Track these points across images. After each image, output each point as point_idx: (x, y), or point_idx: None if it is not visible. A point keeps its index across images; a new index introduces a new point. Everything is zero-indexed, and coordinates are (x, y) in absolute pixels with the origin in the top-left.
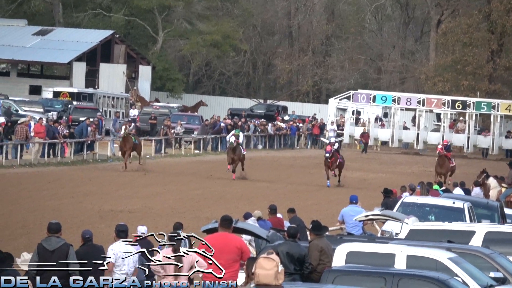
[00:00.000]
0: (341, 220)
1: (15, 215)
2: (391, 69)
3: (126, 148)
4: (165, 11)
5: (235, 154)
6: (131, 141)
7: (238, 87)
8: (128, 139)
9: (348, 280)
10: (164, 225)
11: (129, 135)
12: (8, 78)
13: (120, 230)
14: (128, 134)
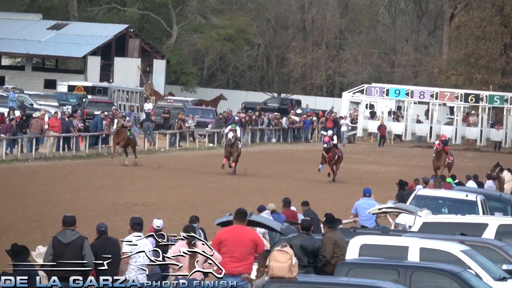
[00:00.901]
0: (355, 213)
1: (30, 209)
2: (405, 62)
3: (119, 139)
4: (179, 5)
5: (232, 148)
6: (125, 134)
7: (252, 81)
8: (122, 132)
9: (362, 272)
10: (179, 218)
11: (124, 128)
12: (23, 72)
13: (135, 223)
14: (122, 127)
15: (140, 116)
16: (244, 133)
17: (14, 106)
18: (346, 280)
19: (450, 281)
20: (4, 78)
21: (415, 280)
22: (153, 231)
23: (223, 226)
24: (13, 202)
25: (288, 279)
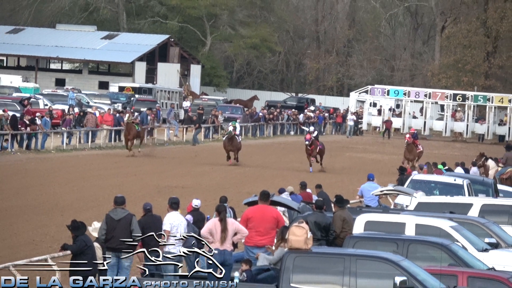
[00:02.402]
0: (360, 194)
1: (87, 190)
2: (403, 67)
3: (129, 136)
4: (212, 19)
5: (232, 144)
6: (134, 129)
7: (274, 83)
8: (131, 127)
9: (366, 245)
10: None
11: (132, 123)
12: (81, 75)
13: (173, 202)
14: (131, 122)
15: (179, 113)
16: (267, 127)
17: (73, 104)
18: (353, 251)
19: (441, 252)
20: (65, 80)
21: (411, 251)
22: (192, 209)
23: (249, 205)
24: (72, 185)
25: (304, 250)
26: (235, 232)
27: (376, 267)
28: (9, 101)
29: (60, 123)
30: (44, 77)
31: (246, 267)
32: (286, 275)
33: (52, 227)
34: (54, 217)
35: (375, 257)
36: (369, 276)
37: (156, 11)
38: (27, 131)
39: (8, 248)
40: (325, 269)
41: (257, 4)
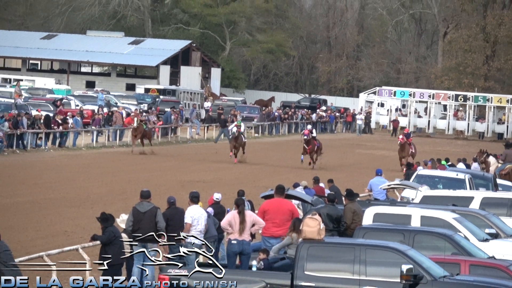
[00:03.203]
0: (369, 188)
1: (115, 184)
2: (408, 70)
3: (136, 133)
4: (231, 25)
5: (237, 142)
6: (141, 129)
7: (288, 84)
8: (139, 127)
9: (375, 235)
10: (232, 192)
11: (141, 123)
12: (109, 77)
13: (193, 196)
14: (140, 123)
15: (201, 112)
16: (282, 126)
17: (102, 104)
18: (363, 241)
19: (444, 242)
20: (95, 83)
21: (417, 241)
22: (213, 202)
23: (266, 199)
24: (101, 179)
25: (317, 240)
26: (253, 224)
27: (384, 256)
28: (43, 102)
29: (90, 122)
30: (76, 80)
31: (264, 256)
32: (301, 264)
33: (83, 219)
34: (85, 209)
35: (383, 247)
36: (377, 264)
37: (179, 18)
38: (60, 130)
39: (41, 238)
40: (336, 257)
41: (273, 12)
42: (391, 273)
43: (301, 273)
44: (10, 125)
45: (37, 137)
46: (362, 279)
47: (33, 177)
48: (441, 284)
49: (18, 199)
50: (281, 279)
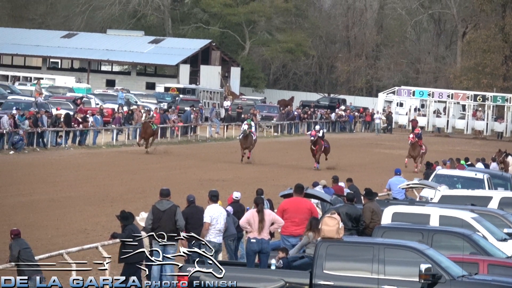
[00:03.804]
0: (388, 188)
1: (135, 183)
2: (427, 70)
3: (145, 134)
4: (251, 25)
5: (247, 141)
6: (150, 128)
7: (308, 84)
8: (147, 126)
9: (394, 234)
10: (250, 191)
11: (149, 122)
12: (129, 76)
13: (213, 195)
14: (148, 121)
15: (221, 111)
16: (301, 125)
17: (122, 103)
18: (382, 240)
19: (463, 241)
20: (115, 81)
21: (435, 241)
22: (233, 201)
23: (285, 198)
24: (121, 177)
25: (336, 239)
26: (272, 222)
27: (403, 255)
28: (64, 100)
29: (110, 120)
30: (96, 78)
31: (283, 255)
32: (320, 262)
33: (102, 217)
34: (105, 207)
35: (402, 246)
36: (396, 264)
37: (199, 18)
38: (80, 128)
39: (61, 236)
40: (355, 256)
41: (292, 11)
42: (409, 272)
43: (320, 272)
44: (31, 123)
45: (57, 135)
46: (381, 278)
47: (53, 175)
48: (459, 283)
49: (38, 197)
50: (300, 278)
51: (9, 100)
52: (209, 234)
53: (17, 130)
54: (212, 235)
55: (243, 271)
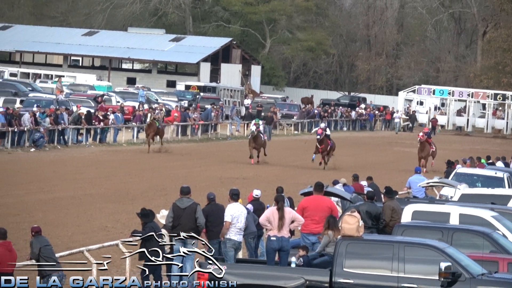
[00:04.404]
0: (408, 186)
1: (155, 180)
2: (447, 69)
3: (150, 132)
4: (271, 23)
5: (256, 142)
6: (155, 126)
7: (328, 82)
8: (152, 125)
9: (413, 232)
10: (271, 189)
11: (154, 121)
12: (150, 74)
13: (233, 194)
14: (153, 120)
15: (241, 109)
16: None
17: (143, 101)
18: (402, 238)
19: (483, 240)
20: (136, 79)
21: (455, 239)
22: (253, 199)
23: (305, 196)
24: (142, 175)
25: (356, 237)
26: (292, 220)
27: (423, 253)
28: (84, 98)
29: (131, 118)
30: (117, 76)
31: (303, 253)
32: (340, 260)
33: (123, 214)
34: (125, 205)
35: (421, 244)
36: (416, 262)
37: (220, 16)
38: (101, 126)
39: (82, 234)
40: (375, 255)
41: (313, 10)
42: (429, 271)
43: (340, 270)
44: (52, 121)
45: (78, 133)
46: (401, 276)
47: (74, 172)
48: (479, 282)
49: (59, 195)
50: (320, 276)
51: (30, 97)
52: (230, 232)
53: (38, 128)
54: (233, 233)
55: (263, 269)
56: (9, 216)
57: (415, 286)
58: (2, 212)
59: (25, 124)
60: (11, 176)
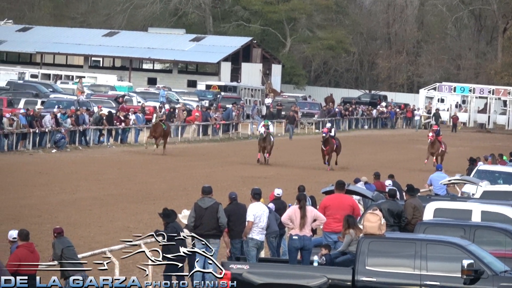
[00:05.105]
0: (429, 184)
1: (177, 180)
2: (468, 66)
3: (156, 134)
4: (291, 22)
5: (265, 143)
6: (161, 128)
7: (349, 81)
8: (158, 126)
9: (436, 230)
10: (292, 188)
11: (160, 122)
12: (171, 74)
13: (255, 193)
14: (159, 121)
15: (262, 109)
16: (343, 122)
17: (164, 101)
18: (424, 236)
19: (505, 237)
20: (156, 79)
21: (477, 236)
22: (274, 198)
23: (327, 194)
24: (163, 175)
25: (378, 235)
26: (314, 219)
27: (445, 251)
28: (105, 99)
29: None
30: (137, 76)
31: (325, 251)
32: (362, 259)
33: (145, 215)
34: (147, 205)
35: (444, 242)
36: (438, 259)
37: (240, 15)
38: (122, 126)
39: (104, 234)
40: (397, 253)
41: (333, 8)
42: (452, 268)
43: (362, 268)
44: (73, 122)
45: (100, 133)
46: (423, 274)
47: (95, 173)
48: (502, 279)
49: (81, 195)
50: (343, 274)
51: (51, 98)
52: (252, 231)
53: (59, 129)
54: (255, 232)
55: (286, 268)
56: (31, 217)
57: (438, 283)
58: (24, 213)
59: (46, 125)
60: (33, 177)
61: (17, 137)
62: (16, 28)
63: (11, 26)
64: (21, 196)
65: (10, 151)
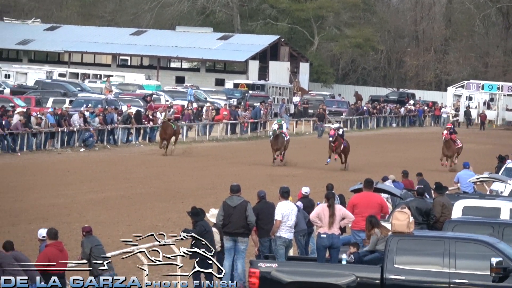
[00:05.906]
0: (457, 181)
1: (205, 179)
2: (496, 63)
3: (165, 135)
4: (319, 20)
5: (277, 142)
6: (170, 128)
7: (377, 79)
8: (167, 126)
9: (464, 228)
10: (321, 186)
11: (169, 122)
12: (199, 73)
13: (284, 192)
14: (167, 120)
15: (290, 107)
16: (371, 120)
17: (192, 99)
18: (452, 234)
19: None
20: (184, 78)
21: (506, 234)
22: (302, 196)
23: (355, 192)
24: (192, 173)
25: (406, 233)
26: (342, 217)
27: (474, 249)
28: (133, 98)
29: (180, 117)
30: (165, 75)
31: (354, 250)
32: (390, 257)
33: (173, 213)
34: (175, 204)
35: (472, 240)
36: (467, 257)
37: (267, 14)
38: (150, 125)
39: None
40: (426, 251)
41: (361, 6)
42: (480, 266)
43: (391, 266)
44: (101, 121)
45: (128, 132)
46: (452, 272)
47: (124, 172)
48: None
49: (109, 194)
50: (371, 273)
51: (79, 97)
52: (280, 230)
53: (87, 128)
54: (283, 231)
55: (314, 266)
56: (60, 216)
57: (467, 281)
58: (53, 212)
59: (75, 124)
60: (61, 176)
61: (45, 136)
62: (44, 27)
63: (39, 25)
64: (50, 195)
65: (38, 150)
